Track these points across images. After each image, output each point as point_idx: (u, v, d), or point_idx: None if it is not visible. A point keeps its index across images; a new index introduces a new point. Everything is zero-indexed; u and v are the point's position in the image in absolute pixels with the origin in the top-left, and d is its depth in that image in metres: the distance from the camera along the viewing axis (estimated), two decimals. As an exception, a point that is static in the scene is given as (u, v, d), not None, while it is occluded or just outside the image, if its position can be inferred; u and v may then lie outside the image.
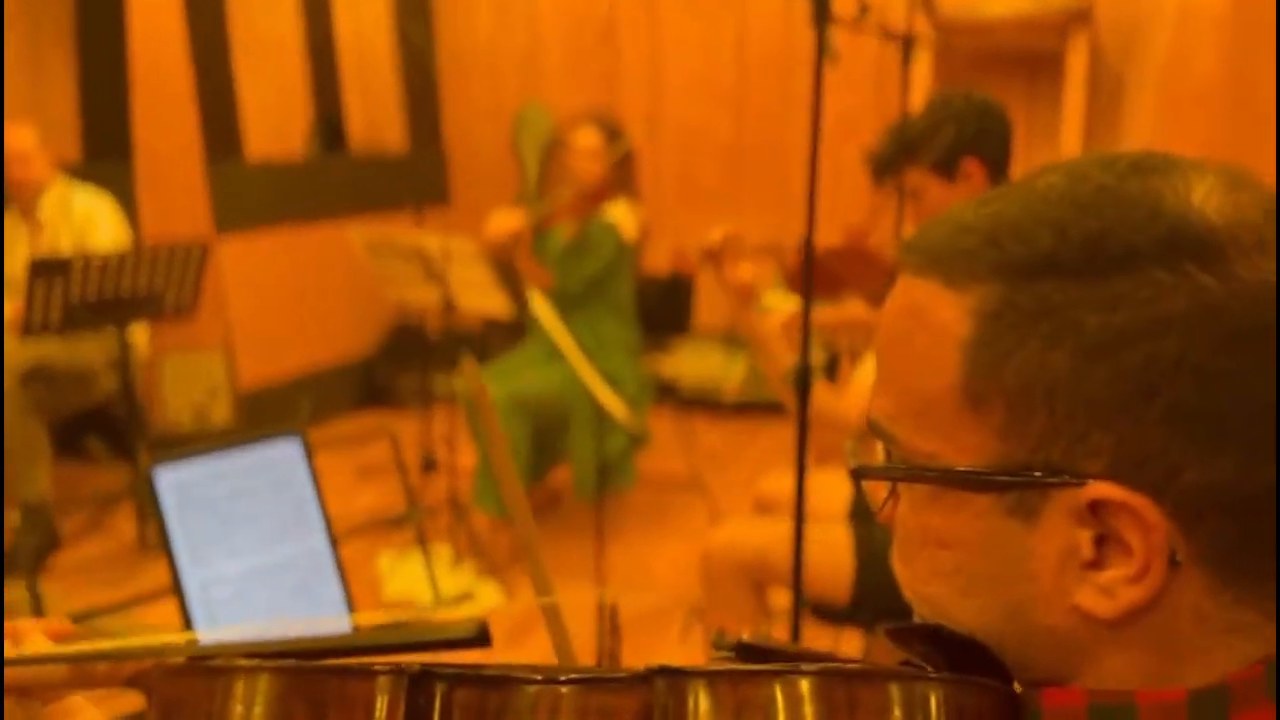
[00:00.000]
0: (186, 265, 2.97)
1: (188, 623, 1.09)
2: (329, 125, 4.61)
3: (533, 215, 3.05)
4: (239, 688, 0.48)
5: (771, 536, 1.82)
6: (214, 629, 1.06)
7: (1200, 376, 0.43)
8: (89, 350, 3.14)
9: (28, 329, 2.87)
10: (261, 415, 4.02)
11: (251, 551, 1.13)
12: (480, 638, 0.51)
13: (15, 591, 2.89)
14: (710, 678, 0.45)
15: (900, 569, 0.52)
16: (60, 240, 3.25)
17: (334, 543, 1.17)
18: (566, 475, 3.34)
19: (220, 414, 3.91)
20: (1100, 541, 0.45)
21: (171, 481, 1.10)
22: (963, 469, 0.47)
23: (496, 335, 4.86)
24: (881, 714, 0.45)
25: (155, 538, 3.04)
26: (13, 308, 3.08)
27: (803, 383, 1.32)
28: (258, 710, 0.48)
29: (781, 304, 2.01)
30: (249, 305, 4.01)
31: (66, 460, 3.51)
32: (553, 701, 0.46)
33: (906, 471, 0.50)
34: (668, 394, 3.79)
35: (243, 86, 4.10)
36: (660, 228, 4.89)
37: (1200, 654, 0.46)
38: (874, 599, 1.76)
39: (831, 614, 1.89)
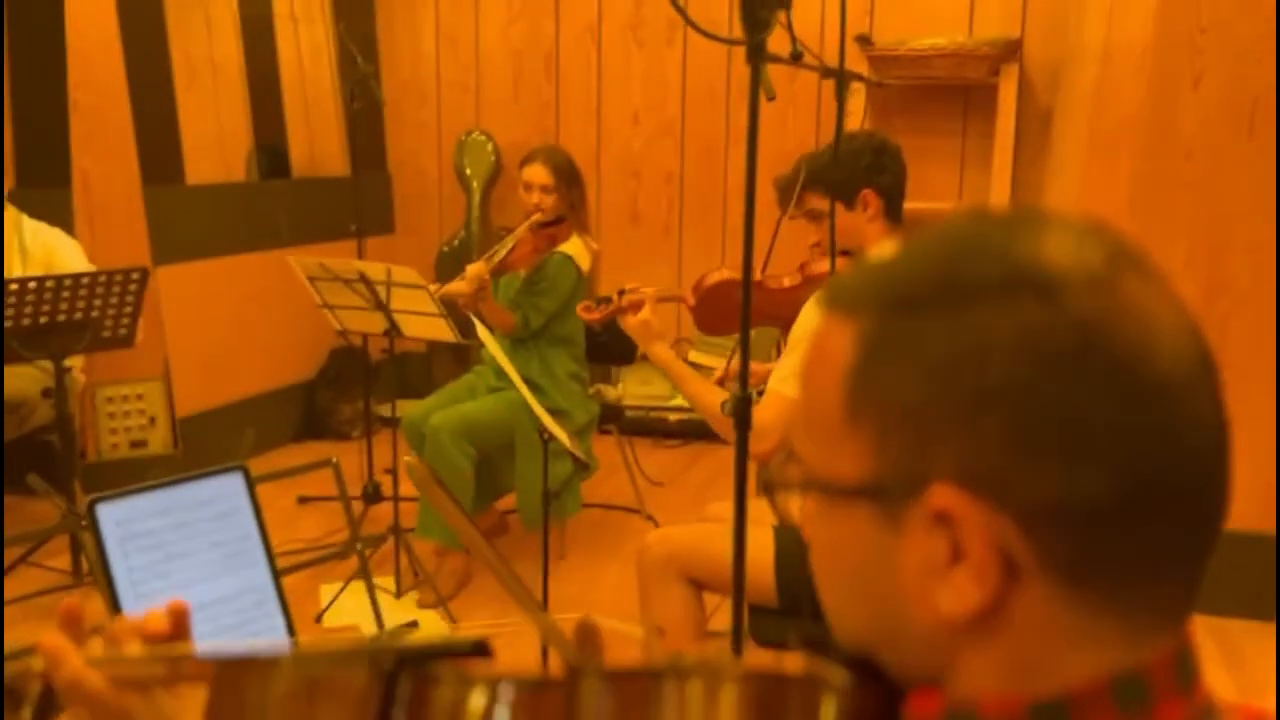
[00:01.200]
0: (125, 292, 2.93)
1: (128, 659, 1.08)
2: (270, 151, 4.58)
3: (493, 262, 3.06)
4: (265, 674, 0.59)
5: (700, 532, 2.02)
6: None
7: (1026, 396, 0.47)
8: (23, 379, 3.08)
9: (-42, 362, 2.81)
10: (201, 443, 3.96)
11: (194, 586, 1.13)
12: (480, 648, 0.56)
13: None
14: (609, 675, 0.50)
15: (816, 577, 0.56)
16: (11, 273, 3.19)
17: (277, 576, 1.17)
18: (513, 501, 3.34)
19: (159, 442, 3.85)
20: (955, 550, 0.48)
21: (112, 516, 1.10)
22: (831, 480, 0.51)
23: (441, 358, 4.85)
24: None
25: (90, 571, 2.99)
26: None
27: (743, 412, 1.36)
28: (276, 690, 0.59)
29: (710, 360, 2.30)
30: (188, 332, 3.96)
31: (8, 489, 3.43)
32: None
33: (802, 482, 0.54)
34: (612, 421, 3.82)
35: (183, 112, 4.07)
36: (606, 254, 4.93)
37: (1053, 662, 0.48)
38: (799, 597, 1.83)
39: (770, 621, 1.94)
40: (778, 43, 2.41)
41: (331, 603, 2.92)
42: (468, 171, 4.93)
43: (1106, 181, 3.30)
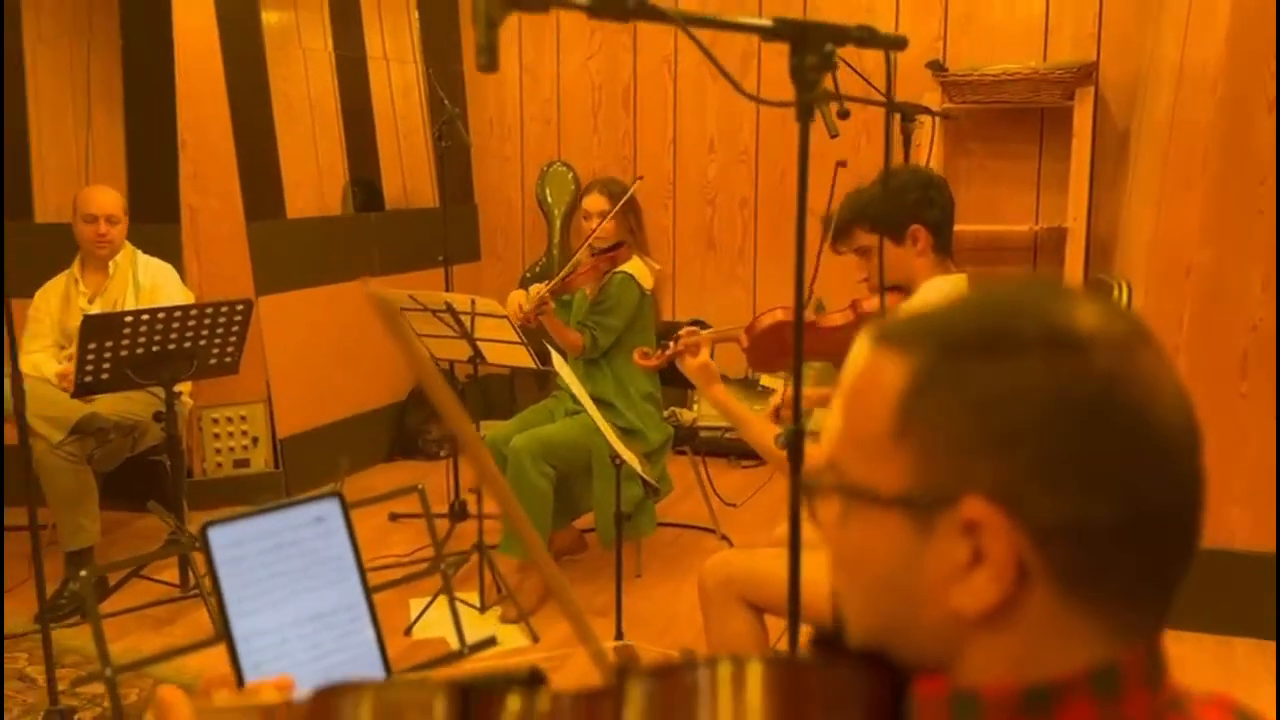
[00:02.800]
0: (230, 323, 3.15)
1: (236, 669, 1.23)
2: (365, 185, 4.81)
3: (552, 283, 3.21)
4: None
5: (756, 556, 2.03)
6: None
7: (1052, 434, 0.57)
8: (137, 403, 3.31)
9: (78, 390, 3.03)
10: (300, 462, 4.18)
11: (293, 602, 1.27)
12: (535, 676, 0.66)
13: (70, 638, 3.05)
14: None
15: (833, 579, 0.66)
16: (124, 305, 3.44)
17: (369, 593, 1.31)
18: (591, 521, 3.46)
19: (260, 461, 4.08)
20: (976, 555, 0.58)
21: (222, 539, 1.24)
22: (871, 489, 0.61)
23: (525, 383, 5.02)
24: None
25: (195, 584, 3.20)
26: (68, 366, 3.27)
27: (796, 444, 1.44)
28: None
29: (777, 383, 2.31)
30: (288, 358, 4.19)
31: (114, 508, 3.67)
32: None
33: (841, 490, 0.63)
34: (687, 442, 3.92)
35: (283, 150, 4.31)
36: (681, 279, 5.05)
37: (1046, 656, 0.58)
38: None
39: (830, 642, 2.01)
40: (845, 81, 2.50)
41: (420, 616, 3.07)
42: (549, 200, 5.11)
43: (1181, 205, 3.29)
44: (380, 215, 4.86)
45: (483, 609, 3.18)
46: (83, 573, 1.33)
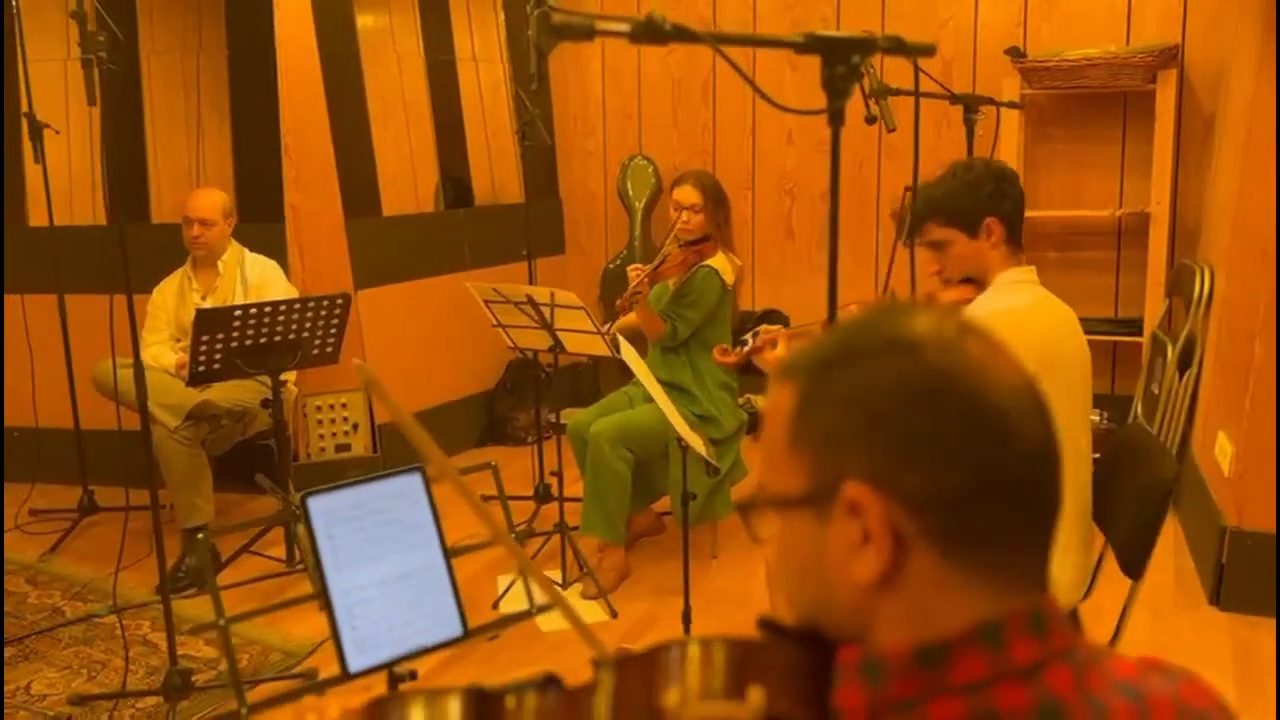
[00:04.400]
0: (330, 316, 3.36)
1: (332, 622, 1.39)
2: (455, 183, 5.02)
3: (647, 271, 3.33)
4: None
5: None
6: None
7: (902, 420, 0.68)
8: (247, 391, 3.56)
9: (193, 379, 3.28)
10: (397, 446, 4.41)
11: (381, 564, 1.43)
12: (551, 680, 0.78)
13: (188, 608, 3.31)
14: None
15: (771, 577, 0.79)
16: (233, 300, 3.69)
17: (448, 557, 1.46)
18: (669, 504, 3.59)
19: (360, 446, 4.33)
20: (865, 533, 0.69)
21: (320, 507, 1.41)
22: (782, 495, 0.74)
23: (609, 371, 5.17)
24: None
25: (302, 558, 3.44)
26: (183, 357, 3.53)
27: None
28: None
29: None
30: (385, 348, 4.42)
31: (226, 489, 3.94)
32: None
33: (765, 500, 0.76)
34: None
35: (379, 151, 4.54)
36: (760, 268, 5.14)
37: (936, 614, 0.68)
38: None
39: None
40: (898, 77, 2.56)
41: (506, 591, 3.25)
42: (630, 193, 5.24)
43: (1262, 191, 3.26)
44: (470, 211, 5.06)
45: (565, 585, 3.34)
46: (199, 535, 1.52)
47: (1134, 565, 1.90)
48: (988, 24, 4.62)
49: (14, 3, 4.12)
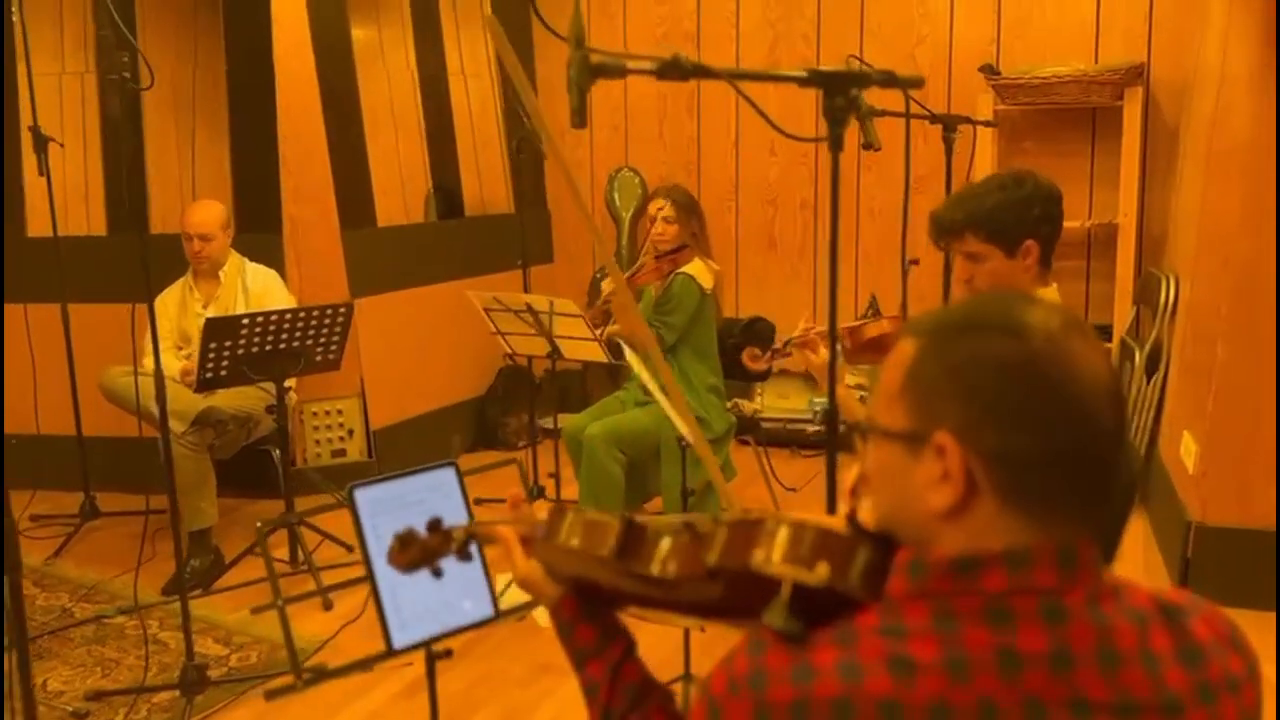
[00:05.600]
0: (334, 324, 3.47)
1: (378, 602, 1.51)
2: (446, 193, 5.14)
3: (623, 279, 3.47)
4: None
5: None
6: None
7: (995, 390, 0.84)
8: (250, 398, 3.66)
9: (201, 385, 3.38)
10: (392, 451, 4.51)
11: (419, 550, 1.54)
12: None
13: (194, 607, 3.39)
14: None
15: (864, 487, 0.95)
16: (235, 309, 3.79)
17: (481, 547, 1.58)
18: (661, 504, 3.72)
19: (356, 451, 4.43)
20: (945, 473, 0.85)
21: (365, 498, 1.53)
22: (887, 428, 0.90)
23: (596, 377, 5.30)
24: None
25: (305, 560, 3.53)
26: (188, 364, 3.63)
27: (832, 421, 1.69)
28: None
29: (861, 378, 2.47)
30: (379, 355, 4.53)
31: (226, 493, 4.03)
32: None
33: (872, 428, 0.92)
34: (750, 432, 4.15)
35: (372, 163, 4.65)
36: (744, 277, 5.28)
37: (983, 542, 0.84)
38: None
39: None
40: (887, 99, 2.70)
41: (506, 587, 3.36)
42: (618, 204, 5.38)
43: (1222, 202, 3.44)
44: (460, 222, 5.18)
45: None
46: (258, 524, 1.63)
47: (1104, 558, 2.04)
48: (962, 42, 4.80)
49: (18, 19, 4.21)
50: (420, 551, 1.21)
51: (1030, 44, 4.68)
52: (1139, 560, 3.55)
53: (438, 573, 1.20)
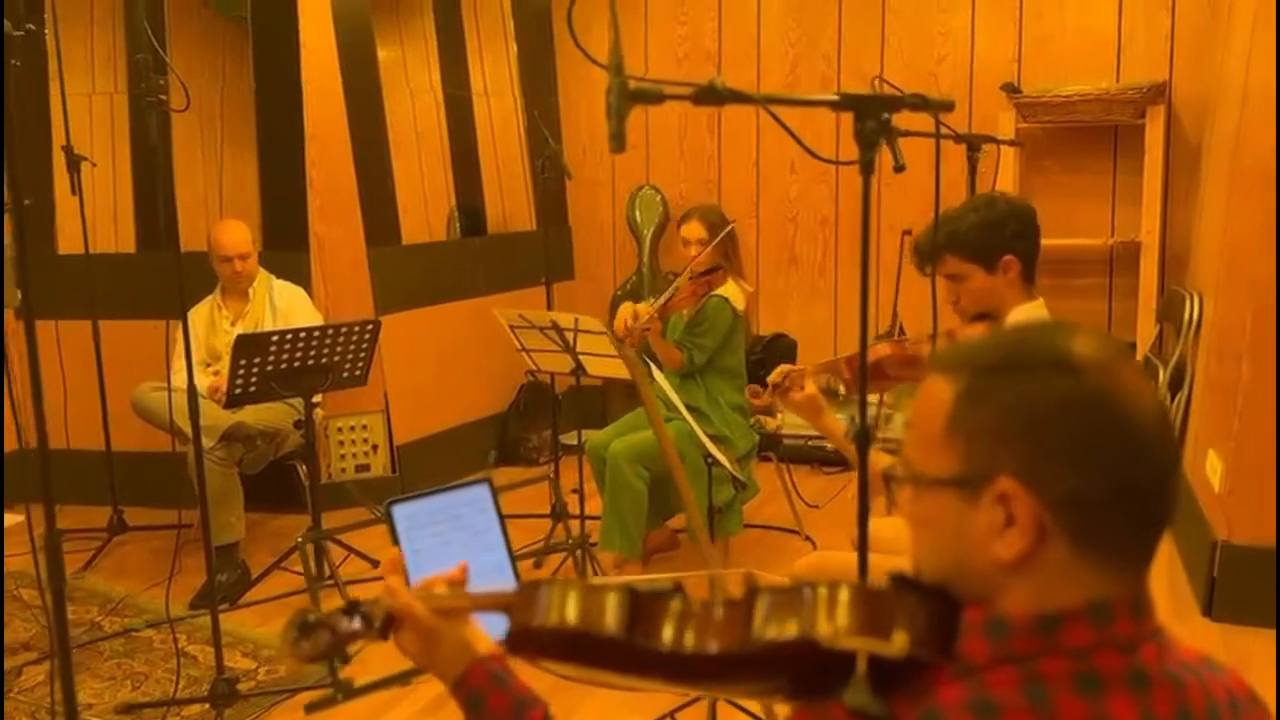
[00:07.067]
0: (361, 341, 3.51)
1: (412, 615, 1.52)
2: (469, 211, 5.19)
3: (656, 306, 3.49)
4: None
5: (849, 561, 2.18)
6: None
7: (1056, 430, 0.81)
8: (277, 413, 3.70)
9: (230, 401, 3.42)
10: (415, 466, 4.55)
11: (454, 562, 1.57)
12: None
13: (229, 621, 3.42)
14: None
15: (911, 538, 0.91)
16: (263, 325, 3.84)
17: (514, 559, 1.60)
18: (683, 521, 3.73)
19: (380, 466, 4.46)
20: (1008, 519, 0.81)
21: (403, 514, 1.55)
22: (929, 475, 0.86)
23: (616, 393, 5.32)
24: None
25: (331, 575, 3.56)
26: (216, 380, 3.67)
27: (863, 441, 1.70)
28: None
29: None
30: (403, 371, 4.57)
31: (253, 508, 4.07)
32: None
33: (909, 476, 0.89)
34: (771, 449, 4.17)
35: (398, 182, 4.70)
36: (765, 294, 5.30)
37: (1059, 592, 0.81)
38: None
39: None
40: (911, 119, 2.73)
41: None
42: (639, 221, 5.42)
43: (1246, 220, 3.44)
44: (483, 239, 5.22)
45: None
46: (299, 538, 1.66)
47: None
48: (983, 60, 4.82)
49: (51, 39, 4.28)
50: (329, 640, 1.11)
51: (1052, 62, 4.69)
52: (1164, 580, 3.53)
53: (345, 659, 1.15)
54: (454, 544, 1.57)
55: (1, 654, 3.06)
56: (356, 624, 1.13)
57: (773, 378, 2.36)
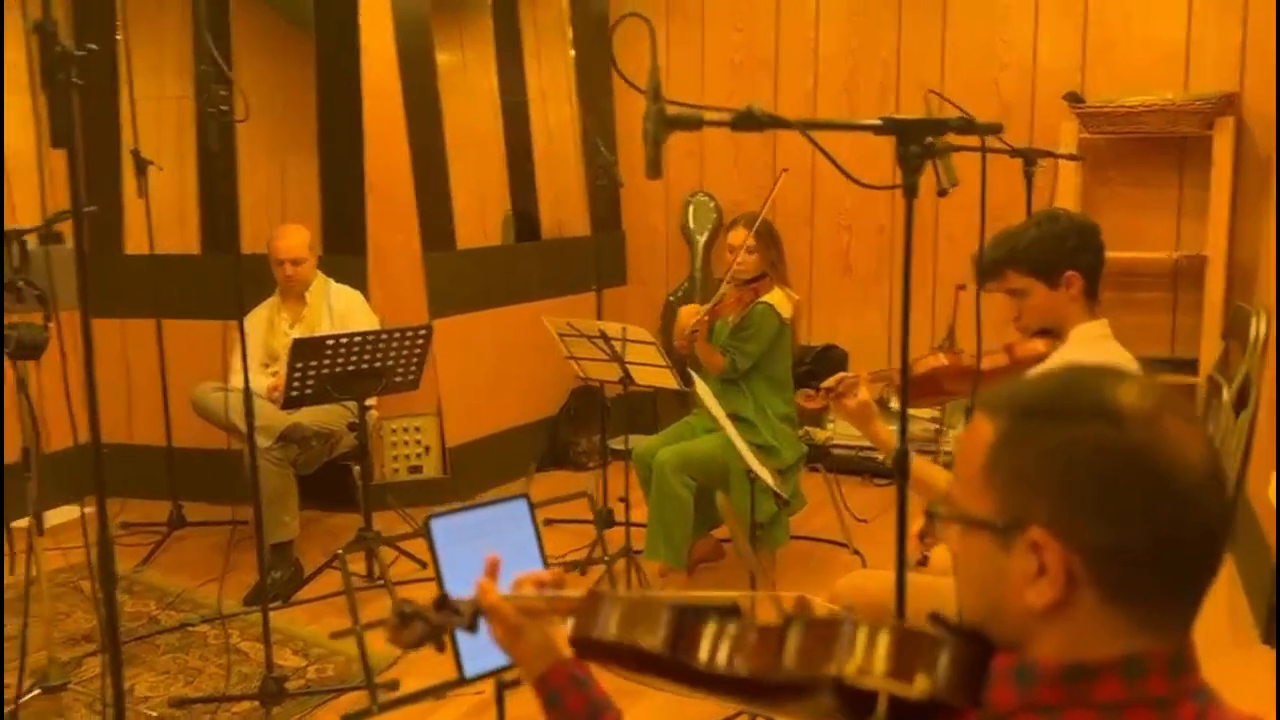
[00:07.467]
0: (414, 345, 3.56)
1: (451, 630, 1.55)
2: (523, 217, 5.23)
3: (704, 311, 3.48)
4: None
5: (891, 582, 2.15)
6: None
7: (1095, 482, 0.79)
8: (332, 415, 3.76)
9: (287, 403, 3.49)
10: (466, 469, 4.59)
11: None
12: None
13: (273, 618, 3.49)
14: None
15: (955, 575, 0.90)
16: (320, 328, 3.91)
17: (549, 575, 1.61)
18: (728, 531, 3.72)
19: (432, 468, 4.52)
20: (1041, 567, 0.80)
21: (441, 528, 1.57)
22: (969, 515, 0.86)
23: (666, 400, 5.33)
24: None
25: (381, 576, 3.62)
26: (275, 381, 3.75)
27: (902, 464, 1.68)
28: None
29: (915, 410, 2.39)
30: (456, 374, 4.62)
31: (306, 506, 4.15)
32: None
33: (951, 514, 0.88)
34: (820, 460, 4.13)
35: (454, 186, 4.75)
36: (820, 302, 5.26)
37: (1091, 643, 0.80)
38: None
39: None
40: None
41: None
42: (692, 227, 5.41)
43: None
44: (537, 244, 5.26)
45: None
46: (340, 550, 1.69)
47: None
48: (1046, 69, 4.74)
49: (123, 42, 4.40)
50: (423, 628, 1.21)
51: (1117, 71, 4.59)
52: (1223, 605, 3.44)
53: (441, 646, 1.21)
54: (488, 556, 1.58)
55: (1, 659, 3.11)
56: (448, 616, 1.22)
57: (828, 382, 2.36)
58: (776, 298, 3.62)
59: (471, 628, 1.21)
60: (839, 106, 5.13)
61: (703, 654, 0.95)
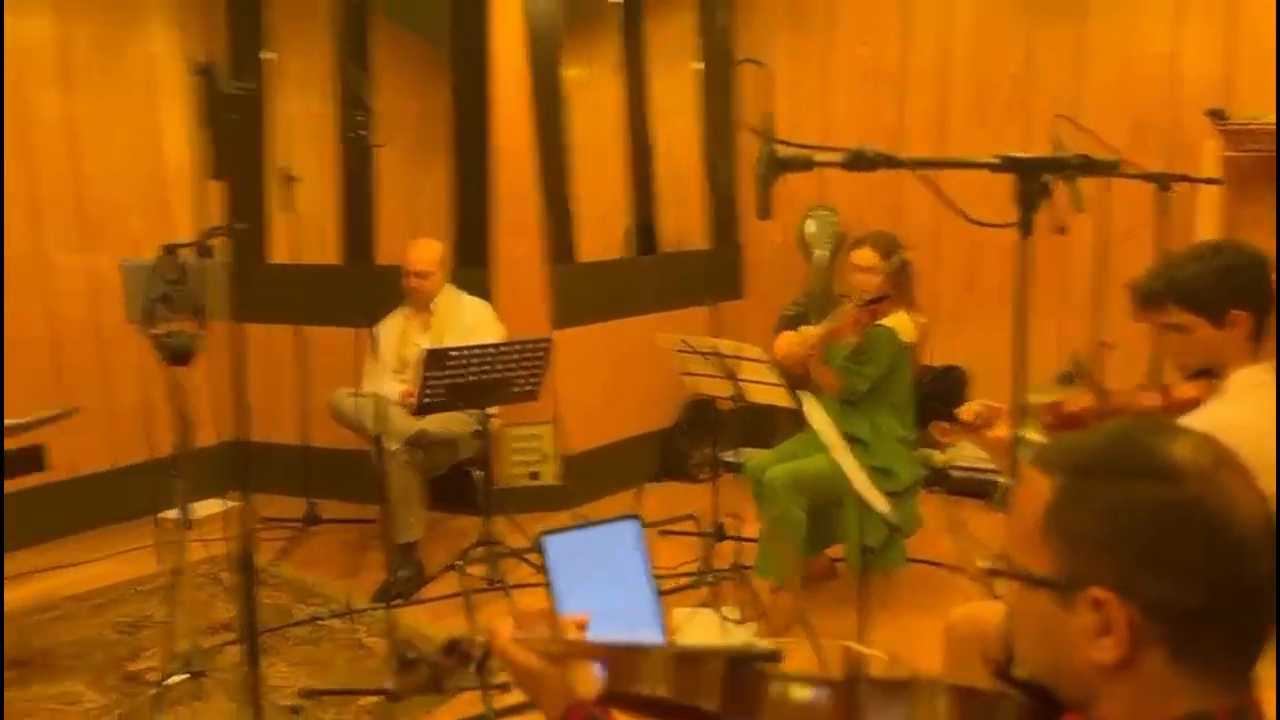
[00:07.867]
0: (534, 357, 3.67)
1: (560, 642, 1.61)
2: (643, 229, 5.30)
3: (820, 331, 3.48)
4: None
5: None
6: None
7: (1154, 541, 0.81)
8: (456, 422, 3.90)
9: (419, 409, 3.64)
10: (581, 478, 4.68)
11: (600, 598, 1.64)
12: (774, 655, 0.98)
13: (398, 615, 3.65)
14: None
15: (1014, 631, 0.91)
16: (448, 337, 4.07)
17: (658, 599, 1.66)
18: (843, 551, 3.70)
19: (549, 475, 4.63)
20: (1104, 625, 0.82)
21: (554, 545, 1.64)
22: (1027, 573, 0.87)
23: (782, 415, 5.31)
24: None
25: (498, 579, 3.73)
26: (406, 388, 3.91)
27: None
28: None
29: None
30: (574, 384, 4.72)
31: (430, 510, 4.30)
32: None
33: (1010, 572, 0.90)
34: (939, 483, 4.06)
35: (578, 199, 4.85)
36: (945, 328, 5.16)
37: (1157, 701, 0.81)
38: None
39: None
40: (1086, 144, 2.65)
41: (683, 625, 3.44)
42: (809, 241, 5.39)
43: None
44: (655, 258, 5.33)
45: (741, 623, 3.51)
46: (458, 562, 1.77)
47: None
48: (1188, 82, 4.55)
49: (275, 59, 4.65)
50: (427, 676, 1.19)
51: (1265, 85, 4.38)
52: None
53: (441, 692, 1.19)
54: (600, 577, 1.64)
55: (1, 661, 3.30)
56: (454, 660, 1.20)
57: (966, 414, 2.28)
58: (899, 321, 3.56)
59: (481, 671, 1.20)
60: (969, 121, 5.04)
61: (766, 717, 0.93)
